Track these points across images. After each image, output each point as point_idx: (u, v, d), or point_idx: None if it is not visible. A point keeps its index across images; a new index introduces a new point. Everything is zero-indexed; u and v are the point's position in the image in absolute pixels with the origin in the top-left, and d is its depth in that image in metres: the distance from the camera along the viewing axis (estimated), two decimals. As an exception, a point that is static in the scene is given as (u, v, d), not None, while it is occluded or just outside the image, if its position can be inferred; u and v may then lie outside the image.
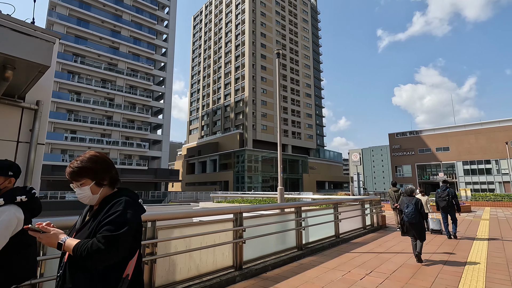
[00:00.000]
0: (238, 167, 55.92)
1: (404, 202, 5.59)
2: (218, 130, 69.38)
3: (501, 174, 49.82)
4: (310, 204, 6.48)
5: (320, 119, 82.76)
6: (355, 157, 11.92)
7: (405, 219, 5.41)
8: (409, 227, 5.37)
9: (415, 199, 5.52)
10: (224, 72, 69.63)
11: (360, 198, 8.59)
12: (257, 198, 15.53)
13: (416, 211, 5.30)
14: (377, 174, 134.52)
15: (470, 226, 9.88)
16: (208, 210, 4.07)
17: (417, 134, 60.05)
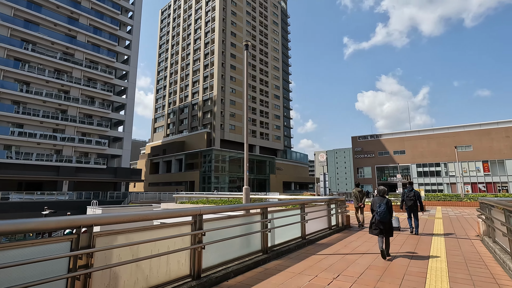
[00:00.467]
0: (205, 167, 54.68)
1: (376, 202, 5.88)
2: (184, 129, 67.34)
3: (448, 176, 54.39)
4: (277, 204, 6.17)
5: (288, 120, 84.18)
6: (322, 157, 11.98)
7: (377, 218, 5.69)
8: (379, 225, 5.64)
9: (386, 199, 5.84)
10: (192, 70, 67.84)
11: (326, 199, 8.52)
12: (222, 198, 15.02)
13: (387, 210, 5.66)
14: (340, 175, 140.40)
15: (427, 224, 10.34)
16: (161, 213, 3.53)
17: (377, 138, 63.45)
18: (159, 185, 61.97)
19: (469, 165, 52.19)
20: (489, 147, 51.06)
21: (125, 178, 44.64)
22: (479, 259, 5.37)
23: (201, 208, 3.93)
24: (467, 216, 13.06)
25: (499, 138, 50.60)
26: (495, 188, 50.20)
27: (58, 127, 38.48)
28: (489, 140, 51.32)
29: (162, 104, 76.12)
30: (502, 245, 5.57)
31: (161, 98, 76.89)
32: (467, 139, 52.49)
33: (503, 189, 49.51)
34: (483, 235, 7.28)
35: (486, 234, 7.18)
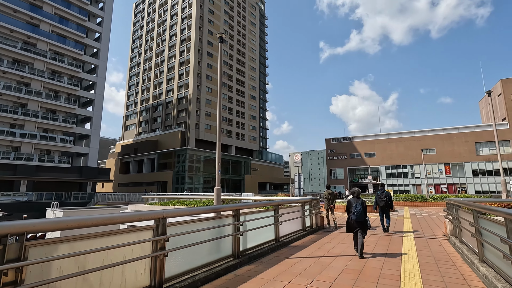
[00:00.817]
0: (179, 167, 53.22)
1: (352, 202, 6.12)
2: (158, 128, 65.18)
3: (414, 177, 57.31)
4: (250, 206, 5.87)
5: (264, 121, 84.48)
6: (297, 158, 11.89)
7: (353, 218, 5.94)
8: (355, 224, 5.88)
9: (361, 200, 6.15)
10: (167, 67, 65.88)
11: (301, 199, 8.36)
12: (195, 199, 14.47)
13: (362, 210, 5.94)
14: (314, 177, 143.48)
15: (397, 224, 10.58)
16: (116, 217, 3.06)
17: (349, 140, 65.45)
18: (129, 185, 59.38)
19: (433, 167, 55.37)
20: (450, 150, 54.49)
21: (92, 178, 42.18)
22: (448, 260, 5.43)
23: (164, 211, 3.53)
24: (432, 216, 13.61)
25: (460, 142, 54.19)
26: (455, 189, 53.66)
27: (16, 122, 35.48)
28: (450, 144, 54.78)
29: (135, 101, 73.17)
30: (469, 245, 5.69)
31: (134, 95, 73.90)
32: (431, 143, 55.61)
33: (462, 190, 53.04)
34: (449, 234, 7.48)
35: (452, 234, 7.39)
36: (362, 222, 5.85)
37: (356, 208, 5.95)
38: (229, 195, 23.27)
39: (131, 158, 62.03)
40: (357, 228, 5.81)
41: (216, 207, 5.00)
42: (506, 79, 52.68)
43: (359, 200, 6.11)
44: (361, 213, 5.88)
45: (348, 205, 6.23)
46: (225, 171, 60.79)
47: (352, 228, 5.91)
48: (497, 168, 51.17)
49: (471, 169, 52.96)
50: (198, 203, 12.93)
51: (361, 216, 5.87)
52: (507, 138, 51.08)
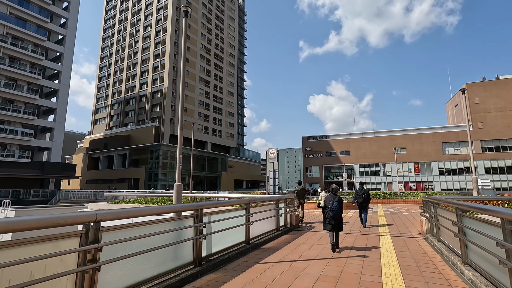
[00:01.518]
0: (152, 163, 51.14)
1: (329, 199, 6.27)
2: (130, 122, 62.30)
3: (386, 175, 59.27)
4: (216, 205, 5.17)
5: (242, 118, 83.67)
6: (272, 153, 11.35)
7: (330, 214, 6.08)
8: (331, 220, 6.01)
9: (338, 197, 6.27)
10: (141, 59, 63.02)
11: (275, 197, 7.79)
12: (164, 197, 13.50)
13: (339, 207, 6.08)
14: (291, 174, 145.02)
15: (372, 222, 10.36)
16: (12, 222, 2.23)
17: (325, 139, 66.43)
18: (98, 182, 56.25)
19: (403, 166, 57.54)
20: (419, 150, 56.91)
21: (55, 174, 39.26)
22: (429, 262, 5.08)
23: (98, 212, 2.74)
24: (406, 214, 13.66)
25: (428, 142, 56.73)
26: (423, 187, 56.20)
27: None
28: (420, 144, 57.20)
29: (105, 94, 69.40)
30: (449, 245, 5.39)
31: (104, 87, 70.06)
32: (402, 143, 57.68)
33: (429, 188, 55.68)
34: (426, 233, 7.26)
35: (429, 232, 7.16)
36: (338, 218, 6.02)
37: (333, 205, 6.08)
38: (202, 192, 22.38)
39: (101, 153, 58.80)
40: (333, 224, 5.97)
41: (175, 207, 4.24)
42: (471, 83, 55.73)
43: (335, 197, 6.24)
44: (337, 210, 6.05)
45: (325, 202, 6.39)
46: (201, 168, 59.43)
47: (329, 223, 6.05)
48: (461, 167, 54.19)
49: (437, 167, 55.65)
50: (167, 201, 12.00)
51: (338, 212, 6.04)
52: (471, 139, 54.15)
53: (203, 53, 65.20)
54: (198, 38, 63.87)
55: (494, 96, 53.20)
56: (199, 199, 14.59)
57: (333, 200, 6.13)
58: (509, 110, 51.94)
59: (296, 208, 9.52)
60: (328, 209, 6.15)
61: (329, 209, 6.09)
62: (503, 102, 52.47)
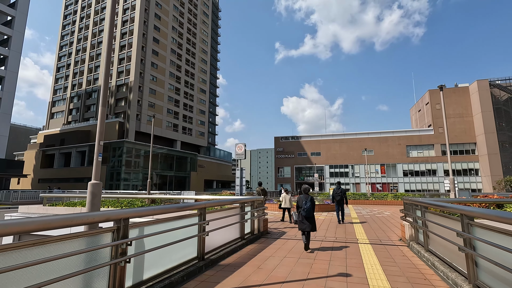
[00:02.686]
0: (114, 161, 47.62)
1: (302, 199, 6.30)
2: (91, 117, 57.81)
3: (354, 176, 60.62)
4: (149, 211, 3.75)
5: (214, 117, 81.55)
6: (240, 149, 10.09)
7: (303, 214, 6.12)
8: (304, 220, 6.07)
9: (310, 197, 6.30)
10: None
11: (240, 199, 6.54)
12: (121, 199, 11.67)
13: (311, 207, 6.15)
14: (262, 175, 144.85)
15: (347, 227, 9.52)
16: None
17: (297, 140, 66.59)
18: (53, 181, 51.36)
19: (371, 167, 59.18)
20: (386, 152, 58.88)
21: (-2, 172, 34.83)
22: (425, 281, 4.12)
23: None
24: (379, 216, 13.12)
25: (394, 145, 58.88)
26: (389, 188, 58.24)
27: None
28: (386, 146, 59.21)
29: (64, 86, 63.89)
30: (444, 259, 4.50)
31: (63, 78, 64.48)
32: (370, 145, 59.28)
33: (394, 189, 57.82)
34: (409, 240, 6.43)
35: (413, 239, 6.34)
36: (311, 218, 6.09)
37: (306, 204, 6.13)
38: (165, 193, 20.48)
39: (57, 150, 53.81)
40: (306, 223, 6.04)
41: (82, 217, 2.79)
42: (433, 90, 58.72)
43: (308, 197, 6.27)
44: (310, 209, 6.11)
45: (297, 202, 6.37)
46: (169, 167, 56.70)
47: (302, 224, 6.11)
48: (423, 169, 56.89)
49: (402, 169, 57.94)
50: (130, 203, 10.25)
51: (310, 212, 6.11)
52: (432, 143, 57.04)
53: (174, 48, 62.36)
54: (169, 31, 60.96)
55: (453, 103, 56.46)
56: (159, 202, 12.94)
57: (306, 200, 6.17)
58: (466, 117, 55.39)
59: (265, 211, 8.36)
60: (301, 209, 6.17)
61: (302, 209, 6.12)
62: (461, 109, 55.87)
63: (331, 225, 9.76)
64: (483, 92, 52.33)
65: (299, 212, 6.21)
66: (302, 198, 6.27)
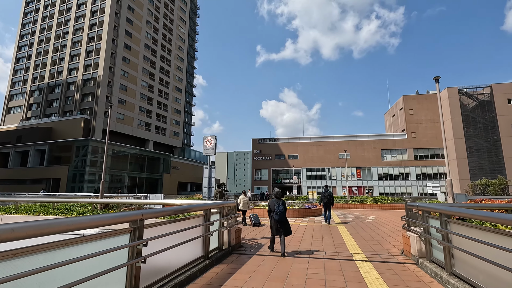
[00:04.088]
0: (78, 161, 43.79)
1: (274, 203, 6.16)
2: (54, 113, 53.23)
3: (331, 179, 60.61)
4: (41, 228, 2.05)
5: (190, 117, 78.73)
6: (209, 143, 8.43)
7: (275, 218, 6.03)
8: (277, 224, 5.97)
9: (282, 200, 6.18)
10: (71, 40, 54.53)
11: (203, 206, 4.88)
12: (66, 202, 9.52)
13: (284, 210, 6.08)
14: (239, 177, 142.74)
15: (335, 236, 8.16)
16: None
17: (275, 142, 65.69)
18: (5, 183, 46.33)
19: (347, 171, 59.43)
20: (361, 155, 59.46)
21: None
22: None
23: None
24: (364, 221, 11.99)
25: (369, 149, 59.62)
26: (364, 191, 58.75)
27: None
28: (362, 150, 59.82)
29: (24, 78, 58.53)
30: None
31: (23, 70, 59.07)
32: (347, 148, 59.56)
33: (369, 192, 58.44)
34: (418, 256, 5.13)
35: (423, 256, 5.04)
36: (284, 221, 6.01)
37: (278, 208, 6.05)
38: (128, 196, 18.18)
39: (12, 148, 48.73)
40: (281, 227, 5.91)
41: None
42: (407, 96, 60.31)
43: (280, 200, 6.20)
44: (282, 213, 6.02)
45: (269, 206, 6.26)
46: (140, 168, 53.36)
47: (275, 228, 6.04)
48: (397, 173, 58.02)
49: (377, 173, 58.73)
50: (62, 210, 8.17)
51: (283, 216, 6.02)
52: (405, 147, 58.39)
53: (148, 43, 59.28)
54: (143, 25, 57.84)
55: (425, 109, 58.24)
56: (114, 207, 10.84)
57: (278, 204, 6.10)
58: (437, 122, 57.30)
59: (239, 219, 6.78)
60: (273, 213, 6.08)
61: (275, 213, 6.02)
62: (432, 115, 57.73)
63: (315, 234, 8.37)
64: (452, 99, 54.37)
65: (272, 216, 6.09)
66: (274, 202, 6.16)
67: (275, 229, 5.99)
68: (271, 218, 6.12)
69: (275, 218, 5.93)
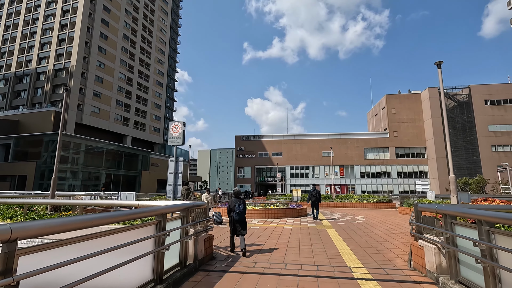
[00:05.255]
0: (47, 157, 40.68)
1: (234, 203, 6.10)
2: (22, 104, 49.39)
3: (314, 178, 60.25)
4: None
5: (171, 112, 76.04)
6: (175, 130, 6.98)
7: (235, 217, 5.93)
8: (236, 223, 5.90)
9: (242, 200, 6.17)
10: (42, 27, 50.75)
11: (157, 209, 3.48)
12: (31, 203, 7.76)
13: (244, 210, 6.04)
14: (222, 175, 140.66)
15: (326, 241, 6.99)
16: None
17: (259, 139, 64.55)
18: (-36, 180, 42.28)
19: (330, 169, 59.26)
20: (345, 154, 59.42)
21: None
22: None
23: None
24: (354, 222, 10.97)
25: (352, 147, 59.69)
26: (347, 189, 58.79)
27: None
28: (345, 148, 59.79)
29: (-12, 67, 53.90)
30: None
31: (-13, 58, 54.38)
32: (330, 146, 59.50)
33: (352, 190, 58.54)
34: (436, 272, 4.01)
35: (443, 273, 3.92)
36: (243, 221, 5.95)
37: (239, 208, 5.98)
38: (96, 196, 16.30)
39: (-28, 142, 44.57)
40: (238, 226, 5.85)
41: None
42: (389, 95, 60.76)
43: (240, 200, 6.13)
44: (242, 213, 5.96)
45: (229, 205, 6.12)
46: (117, 165, 50.56)
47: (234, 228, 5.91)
48: (379, 171, 58.45)
49: (359, 171, 58.91)
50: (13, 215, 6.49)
51: (243, 215, 5.96)
52: (387, 146, 58.90)
53: (127, 33, 56.26)
54: (121, 14, 54.77)
55: (407, 108, 58.92)
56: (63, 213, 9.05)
57: (239, 204, 6.02)
58: (418, 122, 58.14)
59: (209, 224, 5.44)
60: (233, 213, 5.99)
61: (235, 213, 5.94)
62: (413, 114, 58.50)
63: (303, 239, 7.17)
64: (433, 99, 55.26)
65: (231, 216, 6.01)
66: (234, 202, 6.08)
67: (233, 229, 5.89)
68: (230, 218, 6.00)
69: (235, 218, 5.83)
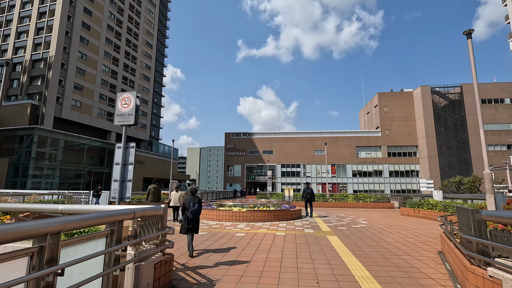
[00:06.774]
0: (21, 153, 37.96)
1: (189, 200, 5.89)
2: (-5, 97, 45.99)
3: (305, 176, 58.99)
4: None
5: (158, 108, 73.41)
6: (125, 104, 5.00)
7: (189, 216, 5.74)
8: (190, 222, 5.72)
9: (198, 198, 5.98)
10: (19, 15, 47.55)
11: (33, 226, 1.77)
12: None
13: (199, 209, 5.89)
14: (212, 174, 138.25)
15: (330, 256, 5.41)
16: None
17: (249, 136, 62.86)
18: None
19: (322, 167, 58.15)
20: (337, 152, 58.37)
21: None
22: None
23: None
24: (356, 226, 9.44)
25: (344, 145, 58.70)
26: (338, 188, 57.82)
27: None
28: (337, 146, 58.75)
29: (-40, 56, 50.19)
30: None
31: (-41, 47, 50.64)
32: (322, 144, 58.22)
33: (343, 189, 57.60)
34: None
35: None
36: (196, 220, 5.83)
37: (193, 206, 5.82)
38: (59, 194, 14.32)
39: None
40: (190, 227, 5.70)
41: None
42: (382, 93, 59.99)
43: (195, 198, 5.96)
44: (197, 212, 5.82)
45: (184, 203, 5.95)
46: (100, 162, 48.06)
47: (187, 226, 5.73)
48: (370, 170, 57.68)
49: (351, 170, 58.01)
50: None
51: (197, 214, 5.84)
52: (379, 144, 58.16)
53: (112, 24, 53.52)
54: (105, 3, 51.98)
55: (399, 107, 58.28)
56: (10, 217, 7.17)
57: (194, 202, 5.85)
58: (410, 120, 57.59)
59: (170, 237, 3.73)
60: (187, 212, 5.80)
61: (190, 212, 5.77)
62: (406, 113, 57.91)
63: (301, 254, 5.54)
64: (425, 98, 54.73)
65: (185, 215, 5.81)
66: (189, 200, 5.88)
67: (186, 228, 5.67)
68: (184, 217, 5.82)
69: (189, 217, 5.72)
